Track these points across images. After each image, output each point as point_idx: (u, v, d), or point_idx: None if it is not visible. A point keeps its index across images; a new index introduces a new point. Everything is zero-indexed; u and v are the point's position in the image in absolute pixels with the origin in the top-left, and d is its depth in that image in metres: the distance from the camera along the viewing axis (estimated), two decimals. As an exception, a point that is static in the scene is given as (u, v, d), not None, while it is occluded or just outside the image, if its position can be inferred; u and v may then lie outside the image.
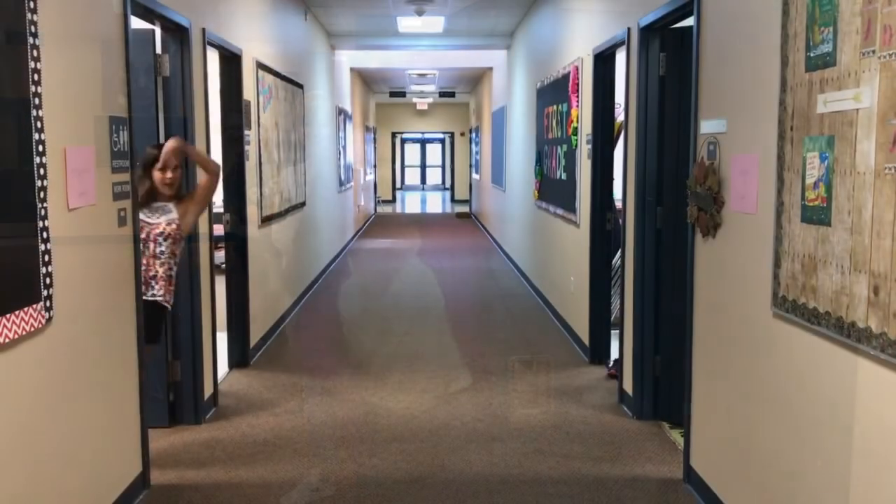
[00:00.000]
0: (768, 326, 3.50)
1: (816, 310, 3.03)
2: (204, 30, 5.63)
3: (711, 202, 4.13)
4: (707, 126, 4.26)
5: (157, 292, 4.65)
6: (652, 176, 5.41)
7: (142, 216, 4.66)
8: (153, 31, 5.11)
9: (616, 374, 6.49)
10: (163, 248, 4.65)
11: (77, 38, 3.65)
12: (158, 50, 5.21)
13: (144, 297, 4.59)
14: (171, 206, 4.75)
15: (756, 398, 3.68)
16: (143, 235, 4.60)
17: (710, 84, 4.25)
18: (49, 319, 3.33)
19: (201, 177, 5.00)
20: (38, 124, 3.21)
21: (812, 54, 3.08)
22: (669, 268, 5.39)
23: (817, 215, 3.02)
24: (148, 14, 4.71)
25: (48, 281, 3.30)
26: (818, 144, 3.02)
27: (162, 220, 4.67)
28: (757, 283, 3.61)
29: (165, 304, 4.71)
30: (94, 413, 3.88)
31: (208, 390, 5.74)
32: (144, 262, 4.59)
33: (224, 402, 6.00)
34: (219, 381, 6.09)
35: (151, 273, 4.62)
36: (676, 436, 5.22)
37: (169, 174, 4.66)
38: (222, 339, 6.70)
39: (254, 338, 7.15)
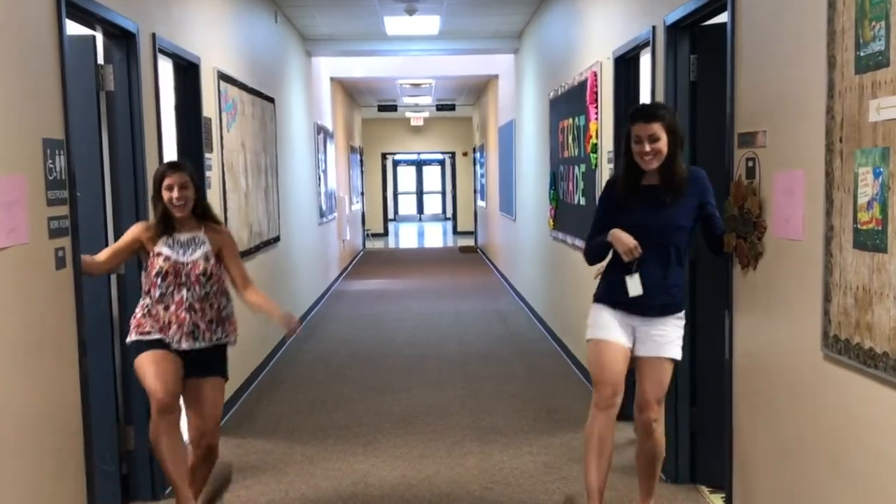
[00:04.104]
0: (819, 370, 3.52)
1: (872, 350, 3.05)
2: (154, 35, 5.69)
3: (752, 228, 4.16)
4: (745, 139, 4.30)
5: (226, 336, 4.84)
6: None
7: (165, 250, 4.69)
8: (93, 37, 5.15)
9: None
10: (208, 290, 4.73)
11: (0, 46, 3.68)
12: (100, 60, 5.24)
13: (198, 346, 4.71)
14: (202, 235, 4.79)
15: (806, 454, 3.69)
16: (178, 278, 4.66)
17: (748, 90, 4.29)
18: (-26, 378, 3.35)
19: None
20: (-40, 150, 3.24)
21: (862, 53, 3.12)
22: (706, 305, 5.40)
23: (871, 240, 3.04)
24: (86, 17, 4.75)
25: (-27, 333, 3.32)
26: (871, 158, 3.05)
27: (198, 258, 4.72)
28: (805, 321, 3.63)
29: (228, 342, 4.88)
30: (32, 491, 3.87)
31: (166, 460, 5.73)
32: (198, 307, 4.69)
33: (184, 474, 5.99)
34: (178, 449, 6.07)
35: (209, 317, 4.72)
36: (717, 501, 5.23)
37: (176, 192, 4.66)
38: (182, 399, 6.71)
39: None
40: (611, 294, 4.68)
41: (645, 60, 6.44)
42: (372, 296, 15.30)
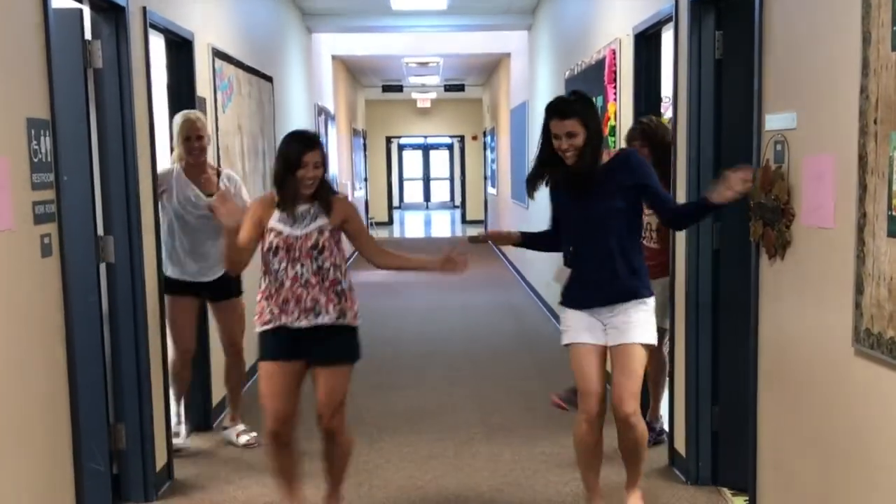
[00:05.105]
0: (849, 366, 3.51)
1: (908, 345, 3.05)
2: (145, 9, 5.67)
3: (779, 215, 4.15)
4: (773, 121, 4.29)
5: (343, 315, 4.87)
6: (707, 184, 5.42)
7: (278, 225, 4.74)
8: (80, 11, 5.11)
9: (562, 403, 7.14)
10: (321, 264, 4.75)
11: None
12: (88, 35, 5.22)
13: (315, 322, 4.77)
14: (317, 207, 4.80)
15: (835, 454, 3.69)
16: (291, 253, 4.71)
17: (777, 69, 4.28)
18: (-45, 371, 3.35)
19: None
20: (-61, 130, 3.24)
21: (899, 28, 3.11)
22: (729, 297, 5.40)
23: (907, 228, 3.04)
24: (74, -11, 4.75)
25: (-46, 324, 3.33)
26: (907, 140, 3.04)
27: (312, 229, 4.75)
28: (835, 314, 3.62)
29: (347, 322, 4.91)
30: (16, 491, 3.88)
31: (161, 460, 5.74)
32: (314, 280, 4.73)
33: (181, 475, 6.00)
34: (174, 449, 6.08)
35: (327, 291, 4.77)
36: (739, 503, 5.24)
37: (311, 171, 4.70)
38: (175, 395, 6.71)
39: (216, 394, 7.15)
40: (568, 294, 4.95)
41: (667, 37, 6.42)
42: (375, 288, 15.29)
